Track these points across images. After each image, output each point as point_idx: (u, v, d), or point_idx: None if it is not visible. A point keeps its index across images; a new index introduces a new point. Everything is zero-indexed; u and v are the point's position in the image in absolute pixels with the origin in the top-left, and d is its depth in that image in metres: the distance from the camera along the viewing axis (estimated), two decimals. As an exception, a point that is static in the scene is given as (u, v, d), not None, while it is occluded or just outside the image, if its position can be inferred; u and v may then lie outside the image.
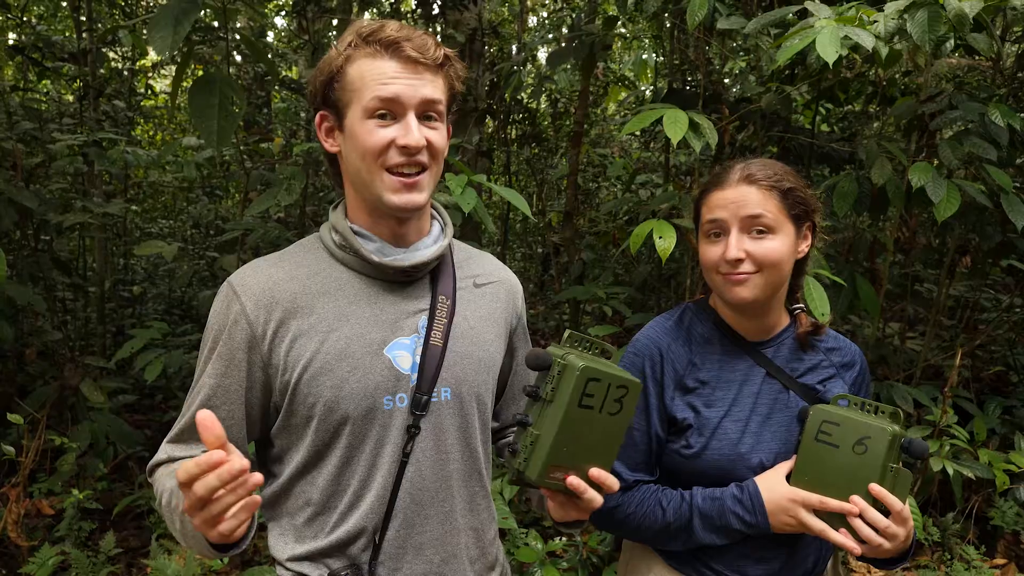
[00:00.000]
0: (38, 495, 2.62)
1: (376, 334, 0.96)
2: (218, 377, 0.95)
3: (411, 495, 0.96)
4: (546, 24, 5.31)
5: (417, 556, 0.97)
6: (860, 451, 0.98)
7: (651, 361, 1.14)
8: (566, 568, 2.28)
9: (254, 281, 0.96)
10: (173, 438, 0.99)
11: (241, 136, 3.18)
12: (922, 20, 1.88)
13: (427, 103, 0.93)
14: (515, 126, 4.78)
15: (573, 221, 3.66)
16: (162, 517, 0.94)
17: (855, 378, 1.18)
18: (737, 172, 1.10)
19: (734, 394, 1.12)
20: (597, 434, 0.85)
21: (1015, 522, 2.81)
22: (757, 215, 1.06)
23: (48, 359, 3.53)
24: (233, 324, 0.94)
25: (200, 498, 0.72)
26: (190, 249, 4.99)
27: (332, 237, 1.00)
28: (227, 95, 1.85)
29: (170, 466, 0.96)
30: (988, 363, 3.71)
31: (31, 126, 3.09)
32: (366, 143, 0.92)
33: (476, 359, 1.02)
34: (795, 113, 3.33)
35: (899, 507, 0.96)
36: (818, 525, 1.00)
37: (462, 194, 1.96)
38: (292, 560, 0.97)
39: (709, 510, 1.08)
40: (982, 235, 2.83)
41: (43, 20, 5.10)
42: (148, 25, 1.63)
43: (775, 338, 1.16)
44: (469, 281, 1.07)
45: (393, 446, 0.95)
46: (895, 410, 1.02)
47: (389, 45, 0.91)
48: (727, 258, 1.06)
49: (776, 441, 1.10)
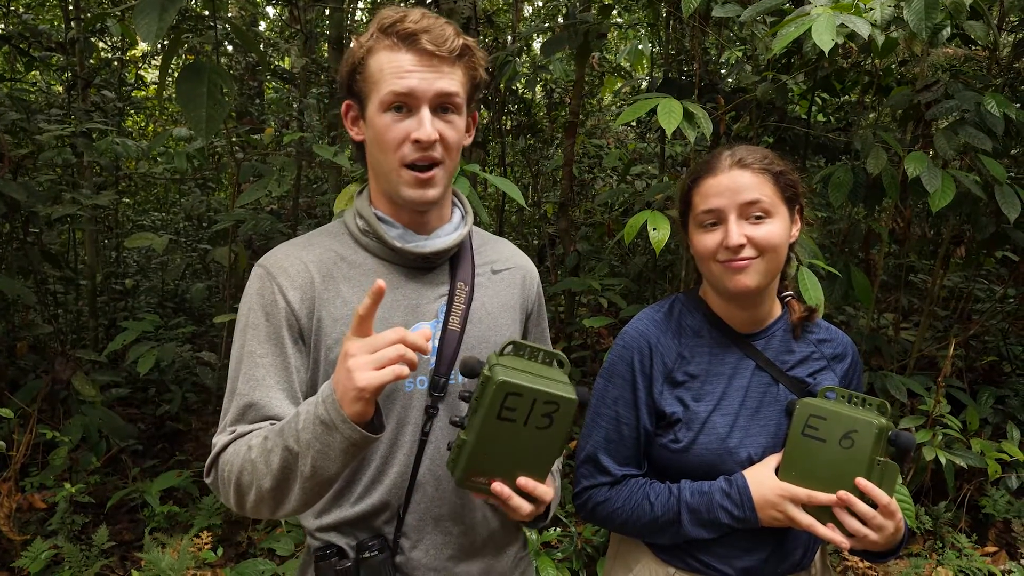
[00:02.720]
0: (30, 489, 2.60)
1: (398, 319, 0.99)
2: (263, 355, 0.96)
3: (431, 471, 1.00)
4: (541, 13, 5.28)
5: (437, 528, 1.01)
6: (847, 445, 0.97)
7: (640, 354, 1.13)
8: (561, 559, 2.29)
9: (287, 262, 0.99)
10: (234, 419, 0.96)
11: (231, 126, 3.15)
12: (918, 8, 1.87)
13: (442, 96, 0.94)
14: (510, 116, 4.75)
15: (568, 212, 3.64)
16: (240, 486, 0.90)
17: (846, 370, 1.17)
18: (727, 158, 1.08)
19: (723, 387, 1.11)
20: (524, 446, 0.84)
21: (1006, 510, 2.83)
22: (755, 200, 1.05)
23: (39, 353, 3.51)
24: (272, 304, 0.97)
25: (383, 339, 0.78)
26: (182, 241, 4.96)
27: (357, 223, 1.03)
28: (216, 83, 1.82)
29: (252, 431, 0.92)
30: (981, 353, 3.73)
31: (18, 117, 3.05)
32: (383, 137, 0.95)
33: (492, 343, 1.04)
34: (791, 103, 3.31)
35: (886, 500, 0.96)
36: (806, 520, 1.00)
37: (455, 184, 1.94)
38: (320, 530, 1.01)
39: (697, 504, 1.07)
40: (976, 226, 2.83)
41: (31, 9, 5.04)
42: (134, 12, 1.60)
43: (766, 330, 1.15)
44: (487, 267, 1.10)
45: (413, 425, 0.99)
46: (882, 402, 1.01)
47: (407, 38, 0.93)
48: (728, 244, 1.04)
49: (764, 435, 1.10)
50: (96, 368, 3.19)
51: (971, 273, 3.68)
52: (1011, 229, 2.79)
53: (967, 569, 2.55)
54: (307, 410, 0.84)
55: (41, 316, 3.50)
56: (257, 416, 0.95)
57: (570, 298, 3.63)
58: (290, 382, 0.96)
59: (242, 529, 2.68)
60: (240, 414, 0.95)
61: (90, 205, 3.11)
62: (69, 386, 2.83)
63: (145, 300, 4.68)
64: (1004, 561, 2.67)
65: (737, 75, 2.92)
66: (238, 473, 0.90)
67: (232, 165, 2.86)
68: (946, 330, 3.64)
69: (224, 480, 0.92)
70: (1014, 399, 3.14)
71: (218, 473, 0.94)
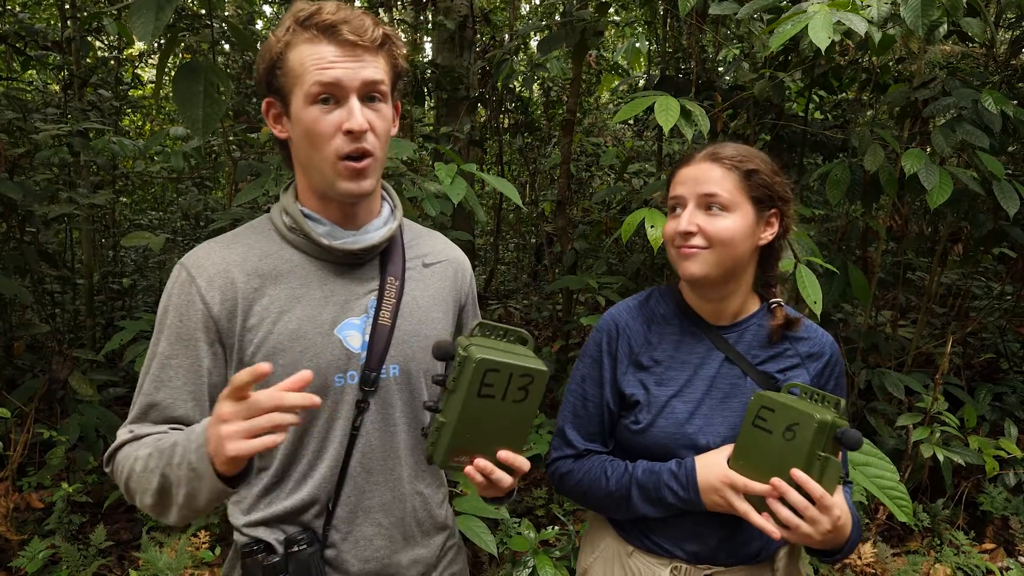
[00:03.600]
0: (28, 489, 2.60)
1: (327, 315, 0.99)
2: (172, 356, 0.96)
3: (361, 464, 1.01)
4: (538, 11, 5.27)
5: (367, 519, 1.02)
6: (789, 437, 0.99)
7: (608, 336, 1.18)
8: (559, 556, 2.29)
9: (208, 263, 0.98)
10: (135, 418, 0.98)
11: (228, 125, 3.15)
12: (915, 5, 1.87)
13: (369, 84, 0.93)
14: (507, 115, 4.74)
15: (566, 210, 3.64)
16: (128, 490, 0.94)
17: (820, 369, 1.17)
18: (705, 151, 1.12)
19: (688, 375, 1.14)
20: (503, 420, 0.88)
21: (1004, 507, 2.83)
22: (713, 193, 1.08)
23: (37, 352, 3.50)
24: (188, 305, 0.96)
25: (258, 406, 0.76)
26: (179, 240, 4.95)
27: (283, 219, 1.02)
28: (212, 82, 1.81)
29: (146, 437, 0.95)
30: (979, 350, 3.73)
31: (14, 115, 3.04)
32: (313, 130, 0.93)
33: (424, 337, 1.05)
34: (788, 101, 3.31)
35: (820, 493, 0.95)
36: (742, 506, 1.02)
37: (452, 183, 1.94)
38: (248, 526, 1.01)
39: (647, 482, 1.11)
40: (974, 223, 2.83)
41: (27, 8, 5.02)
42: (130, 10, 1.60)
43: (739, 324, 1.17)
44: (418, 261, 1.10)
45: (344, 420, 1.00)
46: (839, 400, 1.02)
47: (326, 29, 0.91)
48: (678, 229, 1.09)
49: (726, 425, 1.12)
50: (93, 367, 3.19)
51: (969, 270, 3.68)
52: (1009, 226, 2.80)
53: (965, 566, 2.55)
54: (183, 448, 0.85)
55: (38, 315, 3.50)
56: (159, 417, 0.96)
57: (568, 296, 3.63)
58: (198, 384, 0.96)
59: (240, 528, 2.68)
60: (142, 413, 0.97)
61: (87, 204, 3.10)
62: (66, 385, 2.82)
63: (142, 299, 4.67)
64: (1002, 558, 2.67)
65: (734, 73, 2.92)
66: (126, 479, 0.93)
67: (229, 164, 2.86)
68: (944, 327, 3.64)
69: (116, 477, 0.96)
70: (1012, 396, 3.14)
71: (113, 467, 0.97)
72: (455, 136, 3.54)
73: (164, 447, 0.88)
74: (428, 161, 3.48)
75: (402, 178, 2.22)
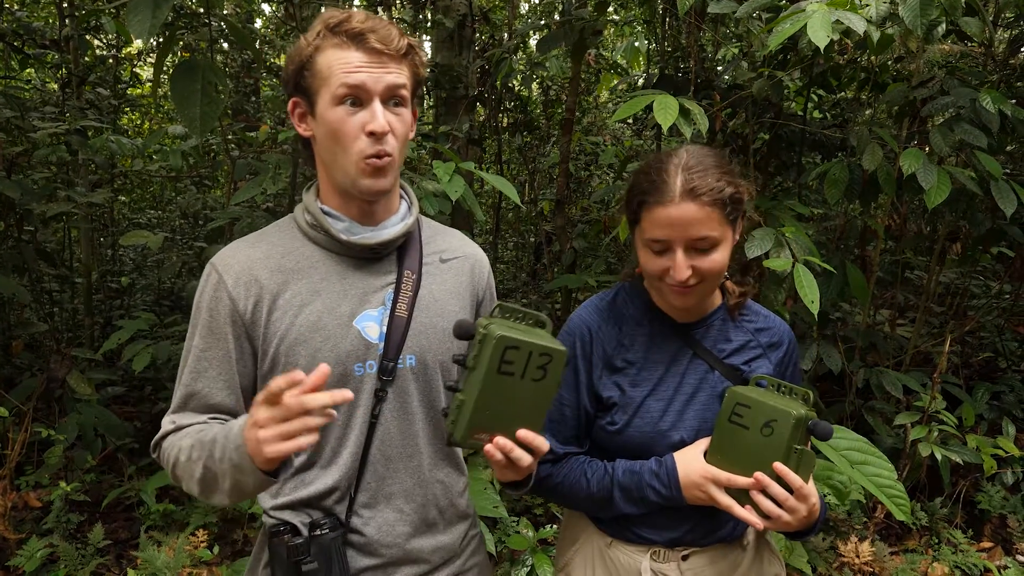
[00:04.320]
0: (26, 488, 2.60)
1: (346, 307, 1.04)
2: (206, 348, 1.03)
3: (381, 451, 1.05)
4: (537, 10, 5.26)
5: (388, 505, 1.06)
6: (767, 433, 1.03)
7: (581, 341, 1.19)
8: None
9: (234, 261, 1.05)
10: (176, 408, 1.05)
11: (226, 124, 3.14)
12: (914, 4, 1.87)
13: (391, 89, 0.99)
14: (506, 114, 4.74)
15: (565, 209, 3.64)
16: (176, 477, 1.02)
17: (781, 358, 1.21)
18: (679, 185, 1.04)
19: (660, 374, 1.17)
20: (522, 399, 0.89)
21: (1002, 506, 2.84)
22: (703, 236, 1.05)
23: (35, 351, 3.50)
24: (217, 301, 1.03)
25: (291, 409, 0.81)
26: (178, 239, 4.94)
27: (304, 217, 1.08)
28: (210, 80, 1.81)
29: (187, 428, 1.02)
30: (977, 349, 3.74)
31: (12, 114, 3.04)
32: (339, 129, 0.98)
33: (440, 329, 1.09)
34: (787, 100, 3.31)
35: (799, 484, 1.01)
36: (725, 501, 1.06)
37: (449, 182, 1.94)
38: (275, 509, 1.06)
39: (628, 483, 1.13)
40: (972, 222, 2.83)
41: (25, 6, 5.00)
42: (127, 9, 1.59)
43: (704, 319, 1.20)
44: (435, 256, 1.14)
45: (364, 408, 1.04)
46: (806, 392, 1.07)
47: (355, 36, 0.97)
48: (676, 279, 1.07)
49: (697, 419, 1.15)
50: (92, 366, 3.19)
51: (967, 269, 3.68)
52: (1007, 225, 2.80)
53: (963, 565, 2.56)
54: (221, 445, 0.92)
55: (36, 314, 3.49)
56: (198, 405, 1.04)
57: (567, 295, 3.63)
58: (231, 374, 1.04)
59: (238, 527, 2.68)
60: (183, 403, 1.04)
61: (85, 203, 3.10)
62: (64, 384, 2.82)
63: (141, 298, 4.67)
64: (999, 557, 2.68)
65: (733, 72, 2.92)
66: (172, 466, 1.01)
67: (228, 163, 2.85)
68: (942, 326, 3.65)
69: (164, 464, 1.04)
70: (1010, 395, 3.15)
71: (160, 455, 1.05)
72: (454, 135, 3.53)
73: (205, 440, 0.95)
74: (427, 160, 3.48)
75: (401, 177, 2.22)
